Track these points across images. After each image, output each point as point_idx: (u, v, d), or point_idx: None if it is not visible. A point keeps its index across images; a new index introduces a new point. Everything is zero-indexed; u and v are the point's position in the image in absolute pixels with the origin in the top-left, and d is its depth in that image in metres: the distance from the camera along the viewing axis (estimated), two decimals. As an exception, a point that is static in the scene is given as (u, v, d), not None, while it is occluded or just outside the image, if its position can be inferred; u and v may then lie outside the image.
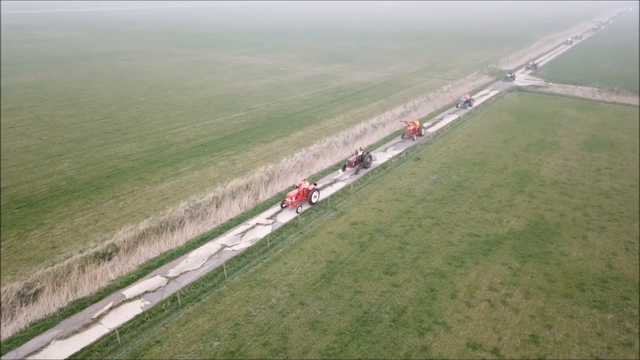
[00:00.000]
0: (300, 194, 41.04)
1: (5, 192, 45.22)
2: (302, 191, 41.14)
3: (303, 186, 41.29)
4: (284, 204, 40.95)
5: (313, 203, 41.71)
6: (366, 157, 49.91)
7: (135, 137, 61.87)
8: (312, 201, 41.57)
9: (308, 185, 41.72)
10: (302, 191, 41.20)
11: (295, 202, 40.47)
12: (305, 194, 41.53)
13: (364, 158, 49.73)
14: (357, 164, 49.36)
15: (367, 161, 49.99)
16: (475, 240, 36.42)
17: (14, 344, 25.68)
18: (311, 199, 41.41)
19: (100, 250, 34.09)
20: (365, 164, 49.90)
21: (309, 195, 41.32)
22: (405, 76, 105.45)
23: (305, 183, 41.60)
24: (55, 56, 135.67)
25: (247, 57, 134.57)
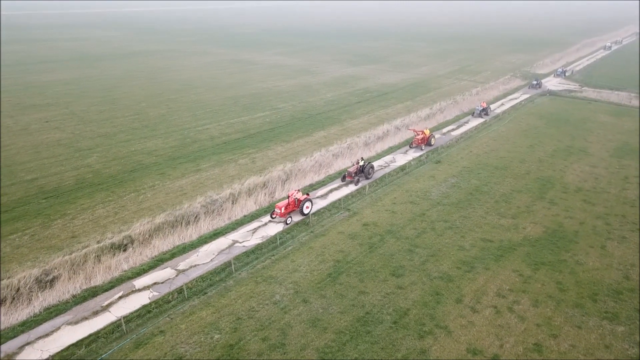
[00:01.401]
0: (291, 205, 39.06)
1: (35, 183, 47.25)
2: (293, 201, 39.17)
3: (295, 196, 39.40)
4: (273, 215, 39.08)
5: (305, 214, 39.68)
6: (367, 167, 47.52)
7: (161, 134, 63.51)
8: (304, 212, 39.54)
9: (300, 196, 39.80)
10: (293, 201, 39.24)
11: (284, 212, 38.50)
12: (296, 205, 39.58)
13: (365, 168, 47.40)
14: (357, 174, 47.13)
15: (369, 172, 47.65)
16: (488, 246, 35.82)
17: (27, 327, 26.90)
18: (303, 210, 39.39)
19: (116, 242, 35.27)
20: (366, 175, 47.59)
21: (301, 206, 39.20)
22: (434, 78, 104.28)
23: (298, 193, 39.74)
24: (95, 54, 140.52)
25: (279, 57, 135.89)
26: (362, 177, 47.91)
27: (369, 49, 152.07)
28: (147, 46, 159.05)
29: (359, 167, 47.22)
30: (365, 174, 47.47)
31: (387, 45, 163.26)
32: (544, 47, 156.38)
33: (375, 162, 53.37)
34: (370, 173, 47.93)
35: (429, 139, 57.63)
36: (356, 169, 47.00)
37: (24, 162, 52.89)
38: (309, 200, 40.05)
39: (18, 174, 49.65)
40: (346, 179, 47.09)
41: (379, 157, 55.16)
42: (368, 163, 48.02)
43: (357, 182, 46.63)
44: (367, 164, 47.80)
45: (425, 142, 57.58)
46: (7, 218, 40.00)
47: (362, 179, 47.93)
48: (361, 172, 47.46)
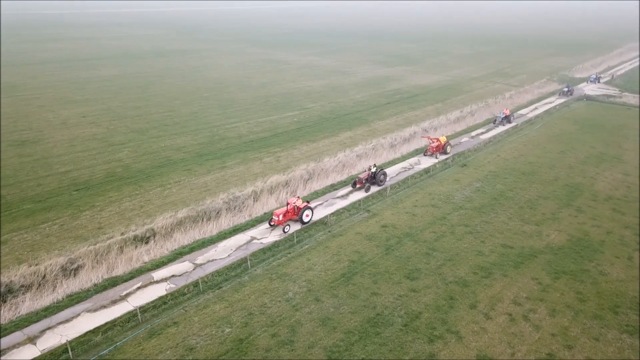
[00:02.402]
0: (289, 212, 37.96)
1: (68, 175, 49.20)
2: (292, 209, 38.09)
3: (295, 203, 38.36)
4: (272, 222, 38.01)
5: (305, 222, 38.46)
6: (379, 174, 46.12)
7: (191, 131, 64.94)
8: (304, 220, 38.35)
9: (300, 203, 38.67)
10: (293, 209, 38.16)
11: (282, 220, 37.43)
12: (295, 212, 38.49)
13: (376, 175, 46.00)
14: (367, 181, 45.76)
15: (381, 178, 46.18)
16: (508, 252, 35.12)
17: (50, 312, 28.13)
18: (302, 218, 38.27)
19: (139, 234, 36.38)
20: (378, 182, 46.10)
21: (300, 214, 38.01)
22: (468, 81, 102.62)
23: (298, 200, 38.62)
24: (135, 52, 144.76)
25: (313, 57, 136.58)
26: (373, 184, 46.31)
27: (403, 50, 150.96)
28: (185, 45, 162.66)
29: (370, 173, 46.05)
30: (377, 180, 46.06)
31: (422, 46, 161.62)
32: (586, 50, 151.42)
33: (399, 164, 53.12)
34: (382, 180, 46.48)
35: (444, 147, 55.16)
36: (367, 175, 45.87)
37: (59, 155, 55.12)
38: (309, 208, 38.83)
39: (53, 166, 51.79)
40: (356, 185, 45.84)
41: (404, 159, 54.80)
42: (380, 170, 46.69)
43: (368, 189, 45.23)
44: (379, 170, 46.44)
45: (441, 149, 55.12)
46: (40, 208, 41.83)
47: (373, 185, 46.35)
48: (372, 179, 46.12)
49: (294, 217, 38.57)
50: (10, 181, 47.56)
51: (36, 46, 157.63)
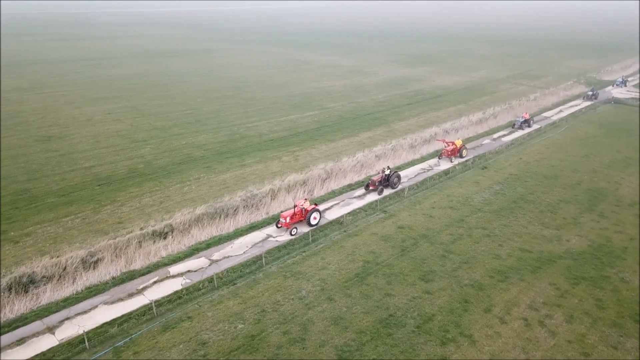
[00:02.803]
0: (297, 215, 37.56)
1: (92, 170, 50.30)
2: (299, 211, 37.69)
3: (302, 206, 37.90)
4: (279, 224, 37.71)
5: (312, 225, 37.95)
6: (393, 176, 45.36)
7: (212, 129, 65.68)
8: (312, 223, 37.87)
9: (308, 205, 38.12)
10: (300, 211, 37.73)
11: (290, 222, 37.13)
12: (303, 215, 37.97)
13: (390, 177, 45.25)
14: (380, 183, 44.96)
15: (394, 181, 45.41)
16: (526, 256, 34.56)
17: (69, 303, 28.83)
18: (310, 221, 37.85)
19: (158, 229, 36.97)
20: (391, 184, 45.31)
21: (308, 217, 37.60)
22: (491, 82, 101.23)
23: (306, 203, 38.17)
24: (159, 51, 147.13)
25: (335, 57, 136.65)
26: (386, 186, 45.64)
27: (426, 51, 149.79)
28: (209, 44, 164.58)
29: (384, 176, 45.26)
30: (390, 183, 45.27)
31: (446, 47, 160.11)
32: (616, 53, 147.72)
33: (418, 165, 52.78)
34: (396, 183, 45.69)
35: (460, 151, 54.00)
36: (380, 178, 45.12)
37: (84, 150, 56.40)
38: (317, 210, 38.30)
39: (78, 161, 53.02)
40: (369, 187, 45.12)
41: (423, 160, 54.40)
42: (394, 172, 45.95)
43: (381, 192, 44.48)
44: (393, 173, 45.68)
45: (456, 153, 53.96)
46: (64, 201, 42.88)
47: (386, 188, 45.71)
48: (386, 181, 45.34)
49: (302, 220, 38.12)
50: (36, 175, 48.87)
51: (63, 44, 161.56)
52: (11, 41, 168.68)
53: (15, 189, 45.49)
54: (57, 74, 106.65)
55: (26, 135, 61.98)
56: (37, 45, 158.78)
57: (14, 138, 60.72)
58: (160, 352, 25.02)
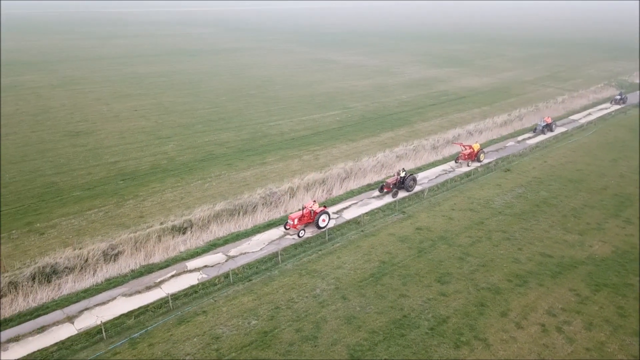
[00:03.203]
0: (305, 217, 36.91)
1: (116, 166, 51.43)
2: (307, 213, 36.99)
3: (312, 208, 37.31)
4: (287, 226, 37.16)
5: (321, 228, 37.24)
6: (409, 179, 44.40)
7: (235, 127, 66.36)
8: (320, 225, 37.18)
9: (317, 208, 37.47)
10: (309, 213, 37.04)
11: (297, 224, 36.63)
12: (311, 217, 37.31)
13: (405, 180, 44.36)
14: (395, 186, 44.20)
15: (410, 184, 44.41)
16: (546, 261, 33.85)
17: (89, 294, 29.57)
18: (318, 223, 37.17)
19: (177, 224, 37.57)
20: (407, 187, 44.37)
21: (316, 219, 36.95)
22: (518, 84, 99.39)
23: (314, 205, 37.53)
24: (188, 49, 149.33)
25: (360, 57, 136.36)
26: (401, 189, 44.84)
27: (454, 52, 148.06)
28: (235, 43, 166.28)
29: (399, 178, 44.50)
30: (405, 186, 44.39)
31: (474, 48, 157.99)
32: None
33: (440, 167, 52.26)
34: (412, 186, 44.78)
35: (477, 155, 52.41)
36: (395, 180, 44.38)
37: (109, 146, 57.70)
38: (326, 213, 37.68)
39: (103, 156, 54.29)
40: (383, 190, 44.38)
41: (445, 161, 53.81)
42: (410, 175, 45.11)
43: (395, 194, 43.65)
44: (408, 175, 44.87)
45: (474, 157, 52.43)
46: (88, 195, 43.98)
47: (401, 190, 44.88)
48: (401, 184, 44.53)
49: (310, 222, 37.55)
50: (64, 169, 50.26)
51: (96, 43, 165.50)
52: (45, 39, 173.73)
53: (43, 182, 46.86)
54: (88, 71, 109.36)
55: (55, 130, 63.77)
56: (71, 43, 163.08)
57: (44, 133, 62.56)
58: (174, 345, 25.44)
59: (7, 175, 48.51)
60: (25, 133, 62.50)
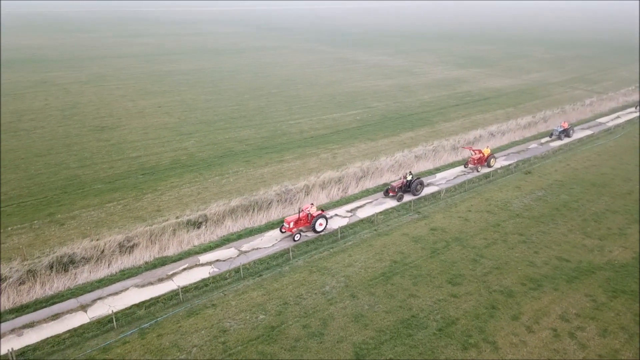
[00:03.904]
0: (302, 220, 36.06)
1: (138, 160, 52.45)
2: (304, 216, 36.14)
3: (309, 211, 36.49)
4: (283, 229, 36.46)
5: (318, 232, 36.57)
6: (415, 183, 43.05)
7: (255, 124, 66.85)
8: (317, 229, 36.46)
9: (314, 211, 36.62)
10: (305, 217, 36.19)
11: (293, 228, 35.71)
12: (308, 221, 36.42)
13: (412, 184, 43.03)
14: (401, 189, 42.93)
15: (417, 188, 43.24)
16: (563, 265, 33.09)
17: (103, 284, 30.24)
18: (315, 227, 36.35)
19: (192, 219, 38.05)
20: (413, 191, 43.17)
21: (313, 223, 36.12)
22: (545, 85, 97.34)
23: (312, 208, 36.68)
24: (213, 48, 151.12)
25: (384, 57, 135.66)
26: (407, 193, 43.61)
27: (478, 52, 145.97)
28: (260, 42, 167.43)
29: (406, 181, 43.27)
30: (412, 190, 43.15)
31: (500, 48, 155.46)
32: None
33: (459, 167, 51.62)
34: (419, 190, 43.61)
35: (487, 160, 50.58)
36: (401, 184, 43.09)
37: (133, 141, 58.86)
38: (323, 217, 36.75)
39: (126, 151, 55.41)
40: (389, 193, 43.25)
41: (464, 162, 53.04)
42: (417, 178, 43.76)
43: (401, 198, 42.50)
44: (415, 179, 43.45)
45: (483, 162, 50.66)
46: (109, 188, 44.98)
47: (407, 194, 43.66)
48: (407, 188, 43.31)
49: (307, 226, 36.77)
50: (87, 163, 51.51)
51: (123, 41, 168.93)
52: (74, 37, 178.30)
53: (67, 175, 48.12)
54: (116, 69, 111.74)
55: (81, 125, 65.38)
56: (100, 41, 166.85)
57: (70, 127, 64.21)
58: (182, 336, 25.81)
59: (33, 167, 49.97)
60: (53, 127, 64.28)
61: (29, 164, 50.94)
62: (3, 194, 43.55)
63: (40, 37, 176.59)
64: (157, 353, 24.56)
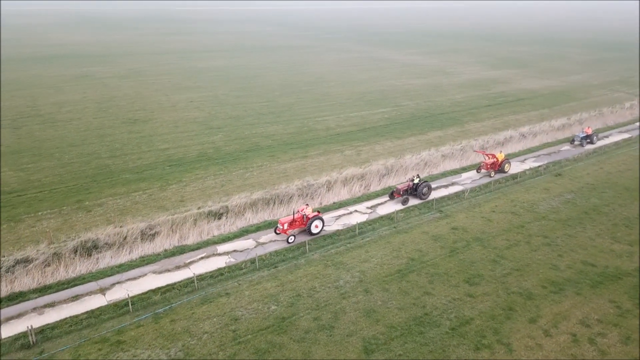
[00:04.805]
0: (296, 222, 34.95)
1: (166, 152, 53.63)
2: (299, 218, 35.04)
3: (305, 212, 35.37)
4: (277, 230, 35.29)
5: (313, 234, 35.24)
6: (422, 186, 41.46)
7: (283, 121, 67.29)
8: (313, 231, 35.13)
9: (310, 212, 35.46)
10: (300, 218, 35.09)
11: (288, 229, 34.54)
12: (303, 222, 35.31)
13: (418, 187, 41.50)
14: (406, 192, 41.47)
15: (424, 191, 41.59)
16: (588, 270, 31.90)
17: (122, 269, 31.05)
18: (311, 229, 35.09)
19: (214, 210, 38.62)
20: (420, 195, 41.52)
21: (308, 224, 34.87)
22: (583, 87, 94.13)
23: (307, 209, 35.53)
24: (248, 46, 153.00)
25: (418, 56, 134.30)
26: (414, 197, 42.05)
27: (516, 53, 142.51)
28: (294, 41, 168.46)
29: (412, 185, 41.79)
30: (418, 194, 41.49)
31: (538, 50, 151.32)
32: None
33: (485, 168, 50.43)
34: (426, 193, 41.89)
35: (501, 165, 48.03)
36: (407, 187, 41.62)
37: (162, 134, 60.22)
38: (319, 218, 35.47)
39: (155, 143, 56.73)
40: (394, 196, 41.71)
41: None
42: (424, 182, 42.05)
43: (406, 202, 40.86)
44: (422, 182, 41.81)
45: (497, 167, 48.07)
46: (136, 178, 46.16)
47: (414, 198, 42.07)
48: (414, 191, 41.74)
49: (302, 227, 35.56)
50: (117, 153, 53.00)
51: (162, 39, 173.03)
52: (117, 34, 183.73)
53: (98, 164, 49.64)
54: (153, 64, 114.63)
55: (115, 117, 67.31)
56: (140, 38, 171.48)
57: (105, 119, 66.21)
58: (194, 323, 26.20)
59: (67, 156, 51.79)
60: (88, 119, 66.43)
61: (63, 153, 52.80)
62: (37, 180, 45.31)
63: (83, 34, 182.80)
64: (168, 337, 25.02)
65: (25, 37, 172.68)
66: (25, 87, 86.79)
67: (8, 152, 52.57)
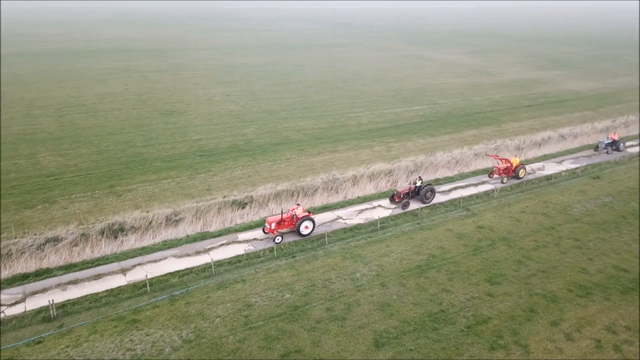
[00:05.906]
0: (285, 221, 33.44)
1: (198, 143, 54.65)
2: (288, 218, 33.57)
3: (295, 212, 33.91)
4: (265, 230, 33.58)
5: (303, 235, 33.64)
6: (425, 190, 39.28)
7: (315, 116, 67.33)
8: (302, 232, 33.54)
9: (300, 212, 33.83)
10: (289, 218, 33.61)
11: (275, 229, 33.04)
12: (293, 222, 33.78)
13: (421, 190, 39.43)
14: (407, 195, 39.62)
15: (427, 195, 39.47)
16: (620, 275, 30.33)
17: (145, 252, 31.82)
18: (300, 230, 33.46)
19: (238, 199, 39.07)
20: (422, 198, 39.39)
21: (298, 225, 33.28)
22: (632, 90, 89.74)
23: (298, 208, 34.05)
24: (286, 44, 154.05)
25: (459, 56, 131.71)
26: (416, 200, 39.97)
27: (563, 54, 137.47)
28: (334, 39, 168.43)
29: (414, 187, 39.94)
30: (421, 197, 39.41)
31: (586, 51, 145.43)
32: None
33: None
34: (429, 197, 39.74)
35: (516, 170, 45.06)
36: (408, 190, 39.83)
37: (197, 125, 61.40)
38: (310, 219, 33.80)
39: (189, 134, 57.90)
40: (394, 199, 39.55)
41: (527, 163, 50.06)
42: (428, 185, 40.10)
43: (406, 206, 38.77)
44: (425, 185, 39.81)
45: (511, 173, 45.26)
46: (167, 166, 47.26)
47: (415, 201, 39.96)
48: (416, 194, 39.85)
49: (291, 228, 34.11)
50: (152, 142, 54.41)
51: (205, 35, 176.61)
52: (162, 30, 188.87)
53: (132, 152, 51.11)
54: (194, 60, 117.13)
55: (153, 109, 69.15)
56: (183, 35, 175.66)
57: (143, 110, 68.12)
58: (208, 307, 26.52)
59: (104, 144, 53.57)
60: (128, 110, 68.51)
61: (101, 140, 54.64)
62: (74, 165, 47.08)
63: (129, 29, 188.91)
64: (182, 319, 25.42)
65: (79, 33, 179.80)
66: (72, 78, 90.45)
67: (50, 139, 54.87)
